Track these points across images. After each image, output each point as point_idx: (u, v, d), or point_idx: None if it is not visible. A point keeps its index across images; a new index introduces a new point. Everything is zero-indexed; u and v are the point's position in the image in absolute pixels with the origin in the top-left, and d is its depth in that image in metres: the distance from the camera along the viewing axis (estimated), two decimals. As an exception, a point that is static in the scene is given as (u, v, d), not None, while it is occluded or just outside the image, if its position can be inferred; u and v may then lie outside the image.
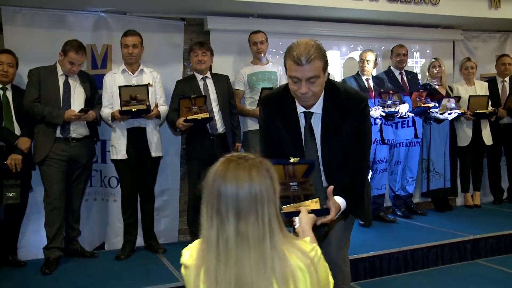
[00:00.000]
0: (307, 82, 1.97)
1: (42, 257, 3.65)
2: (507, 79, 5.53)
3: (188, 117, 3.75)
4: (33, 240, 3.90)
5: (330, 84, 2.13)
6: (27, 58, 3.89)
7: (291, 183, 1.80)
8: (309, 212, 1.69)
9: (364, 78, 4.72)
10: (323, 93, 2.10)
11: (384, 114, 4.54)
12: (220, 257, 1.22)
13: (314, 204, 1.82)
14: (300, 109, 2.12)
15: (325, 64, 2.02)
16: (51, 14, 4.06)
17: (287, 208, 1.76)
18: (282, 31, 4.78)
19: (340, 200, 1.97)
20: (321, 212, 1.82)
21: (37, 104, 3.57)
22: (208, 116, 3.78)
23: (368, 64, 4.68)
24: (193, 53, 4.04)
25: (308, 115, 2.11)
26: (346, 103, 2.09)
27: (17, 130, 3.63)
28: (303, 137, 2.11)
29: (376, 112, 4.55)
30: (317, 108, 2.10)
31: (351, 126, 2.08)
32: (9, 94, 3.68)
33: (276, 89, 2.35)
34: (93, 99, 3.85)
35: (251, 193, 1.22)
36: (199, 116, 3.75)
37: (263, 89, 4.03)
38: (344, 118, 2.08)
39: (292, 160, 1.81)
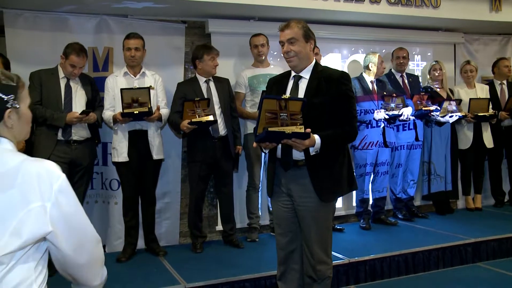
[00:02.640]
0: (288, 43, 2.54)
1: (43, 260, 3.65)
2: (505, 81, 5.54)
3: (193, 120, 3.75)
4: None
5: (318, 63, 2.66)
6: (29, 60, 3.91)
7: (281, 114, 2.27)
8: (290, 133, 2.22)
9: (368, 80, 4.72)
10: (312, 64, 2.61)
11: (387, 117, 4.54)
12: None
13: (298, 129, 2.27)
14: (292, 74, 2.66)
15: (305, 33, 2.55)
16: (52, 16, 4.07)
17: (272, 128, 2.24)
18: (283, 34, 4.78)
19: (316, 137, 2.38)
20: (301, 135, 2.28)
21: (39, 107, 3.57)
22: (212, 119, 3.78)
23: (378, 65, 4.68)
24: (209, 57, 3.98)
25: (297, 78, 2.62)
26: (330, 73, 2.59)
27: None
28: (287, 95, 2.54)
29: (378, 114, 4.55)
30: (306, 74, 2.60)
31: (335, 91, 2.51)
32: None
33: None
34: (94, 102, 3.85)
35: None
36: (204, 119, 3.75)
37: (263, 91, 4.04)
38: (328, 83, 2.53)
39: (283, 96, 2.31)
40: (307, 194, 2.54)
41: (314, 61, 2.64)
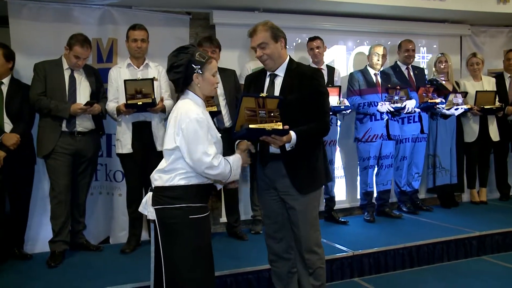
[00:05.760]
0: (260, 48, 2.61)
1: (48, 250, 3.67)
2: (515, 74, 5.49)
3: None
4: (39, 233, 3.92)
5: (292, 60, 2.73)
6: (32, 51, 3.90)
7: (260, 111, 2.36)
8: (270, 130, 2.33)
9: (372, 72, 4.69)
10: (287, 61, 2.68)
11: (392, 110, 4.51)
12: None
13: (277, 126, 2.36)
14: (268, 72, 2.73)
15: (273, 34, 2.61)
16: (57, 7, 4.05)
17: (253, 125, 2.31)
18: (288, 25, 4.70)
19: (292, 133, 2.45)
20: (280, 132, 2.37)
21: (43, 98, 3.57)
22: (216, 109, 3.77)
23: (379, 58, 4.66)
24: (203, 49, 4.00)
25: (273, 76, 2.70)
26: (304, 70, 2.68)
27: (8, 126, 3.57)
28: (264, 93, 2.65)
29: (382, 107, 4.52)
30: (280, 72, 2.68)
31: (308, 88, 2.58)
32: (4, 88, 3.63)
33: None
34: (98, 93, 3.85)
35: None
36: (207, 110, 3.74)
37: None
38: (301, 79, 2.61)
39: (261, 94, 2.42)
40: (289, 187, 2.64)
41: (288, 58, 2.71)
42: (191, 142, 2.19)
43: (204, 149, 2.18)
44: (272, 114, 2.38)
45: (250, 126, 2.30)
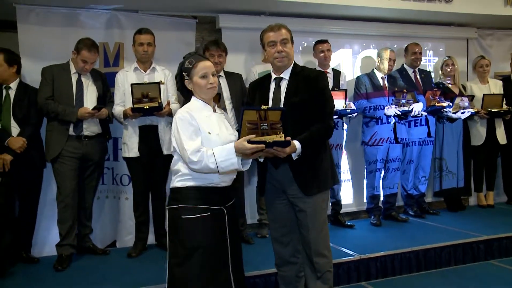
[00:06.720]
0: (281, 43, 2.65)
1: (55, 254, 3.69)
2: (522, 77, 5.46)
3: None
4: (46, 237, 3.94)
5: (296, 64, 2.78)
6: (40, 55, 3.93)
7: (261, 124, 2.32)
8: (271, 142, 2.29)
9: (379, 76, 4.69)
10: (292, 65, 2.72)
11: (399, 113, 4.50)
12: None
13: (279, 137, 2.32)
14: (273, 76, 2.76)
15: (291, 36, 2.71)
16: (64, 12, 4.08)
17: (253, 138, 2.27)
18: (294, 29, 4.62)
19: (296, 143, 2.47)
20: (282, 143, 2.34)
21: (51, 102, 3.59)
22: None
23: (392, 63, 4.66)
24: (209, 53, 4.00)
25: (278, 80, 2.72)
26: (308, 73, 2.71)
27: (15, 130, 3.59)
28: (270, 97, 2.71)
29: (389, 110, 4.51)
30: (286, 75, 2.72)
31: (312, 89, 2.62)
32: (12, 92, 3.64)
33: None
34: (105, 97, 3.87)
35: None
36: None
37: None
38: (305, 81, 2.64)
39: (263, 107, 2.34)
40: (297, 190, 2.64)
41: (293, 62, 2.76)
42: (177, 141, 2.29)
43: (184, 146, 2.23)
44: (274, 126, 2.34)
45: (251, 139, 2.27)
